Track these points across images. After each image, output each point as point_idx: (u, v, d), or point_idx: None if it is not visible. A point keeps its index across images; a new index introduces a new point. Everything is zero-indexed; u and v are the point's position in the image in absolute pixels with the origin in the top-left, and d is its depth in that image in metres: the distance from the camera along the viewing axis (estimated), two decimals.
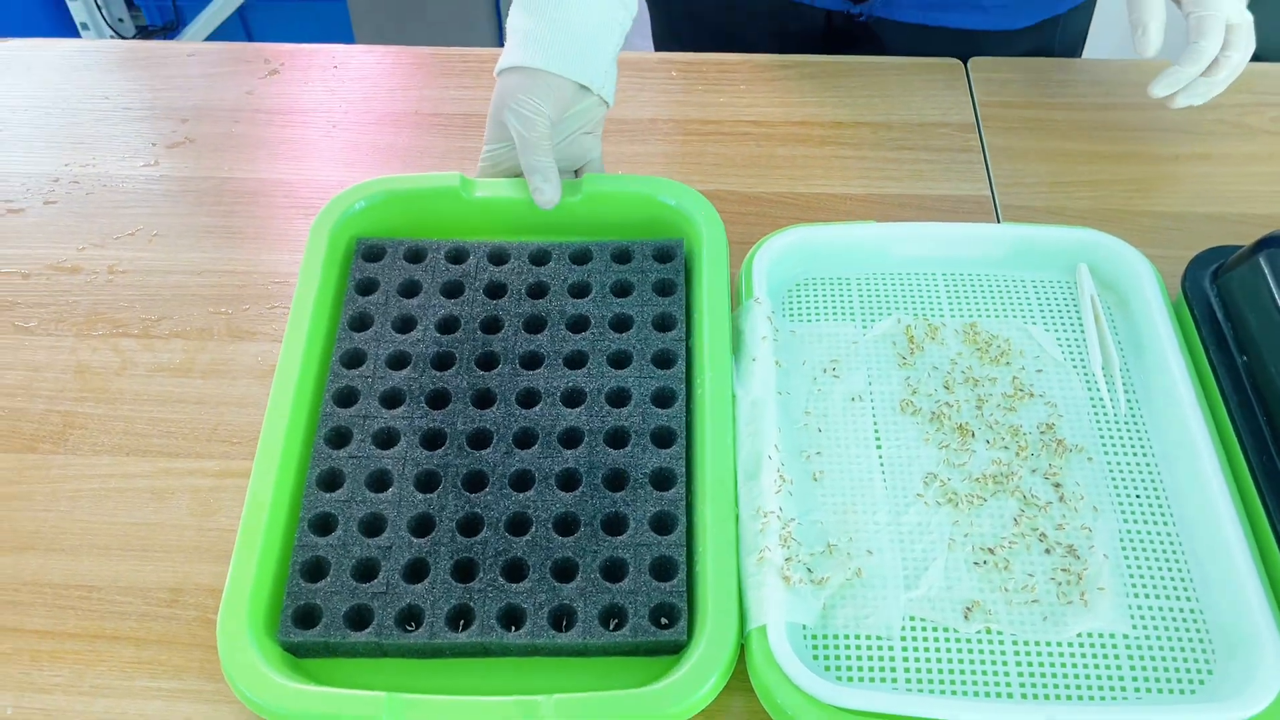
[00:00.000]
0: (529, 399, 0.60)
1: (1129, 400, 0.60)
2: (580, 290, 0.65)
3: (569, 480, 0.57)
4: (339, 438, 0.59)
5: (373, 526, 0.55)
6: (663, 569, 0.54)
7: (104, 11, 1.72)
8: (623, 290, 0.65)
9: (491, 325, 0.64)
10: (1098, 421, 0.60)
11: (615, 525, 0.55)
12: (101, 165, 0.79)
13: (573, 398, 0.60)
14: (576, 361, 0.62)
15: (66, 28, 1.82)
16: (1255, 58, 0.70)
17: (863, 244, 0.67)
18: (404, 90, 0.85)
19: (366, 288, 0.66)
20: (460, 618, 0.52)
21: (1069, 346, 0.63)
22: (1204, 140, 0.78)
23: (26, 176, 0.78)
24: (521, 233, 0.69)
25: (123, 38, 1.77)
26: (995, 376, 0.62)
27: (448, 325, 0.64)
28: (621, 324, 0.63)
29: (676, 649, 0.52)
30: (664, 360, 0.62)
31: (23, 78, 0.86)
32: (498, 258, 0.67)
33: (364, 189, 0.69)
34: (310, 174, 0.79)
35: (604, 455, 0.57)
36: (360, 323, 0.64)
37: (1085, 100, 0.82)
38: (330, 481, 0.57)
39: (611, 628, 0.52)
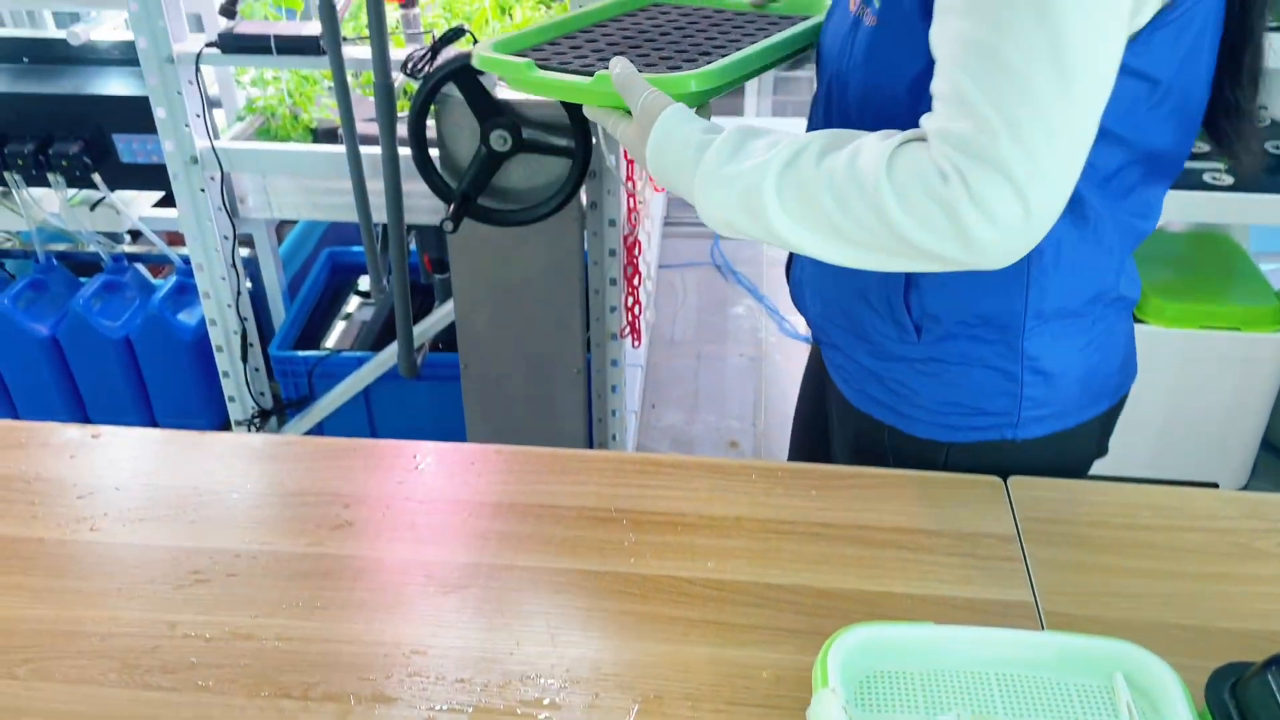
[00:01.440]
0: None
1: None
2: None
3: None
4: None
5: None
6: None
7: (250, 386, 2.00)
8: None
9: None
10: None
11: None
12: (276, 543, 0.95)
13: None
14: None
15: (216, 396, 2.10)
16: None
17: (923, 643, 0.78)
18: (529, 486, 1.01)
19: None
20: None
21: None
22: (1221, 561, 0.90)
23: (214, 552, 0.94)
24: None
25: (263, 410, 2.02)
26: None
27: None
28: None
29: None
30: None
31: (215, 464, 1.05)
32: None
33: None
34: (448, 556, 0.93)
35: None
36: None
37: (1113, 519, 0.95)
38: None
39: None
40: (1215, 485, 2.06)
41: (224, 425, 2.24)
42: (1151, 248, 2.07)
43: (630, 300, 1.88)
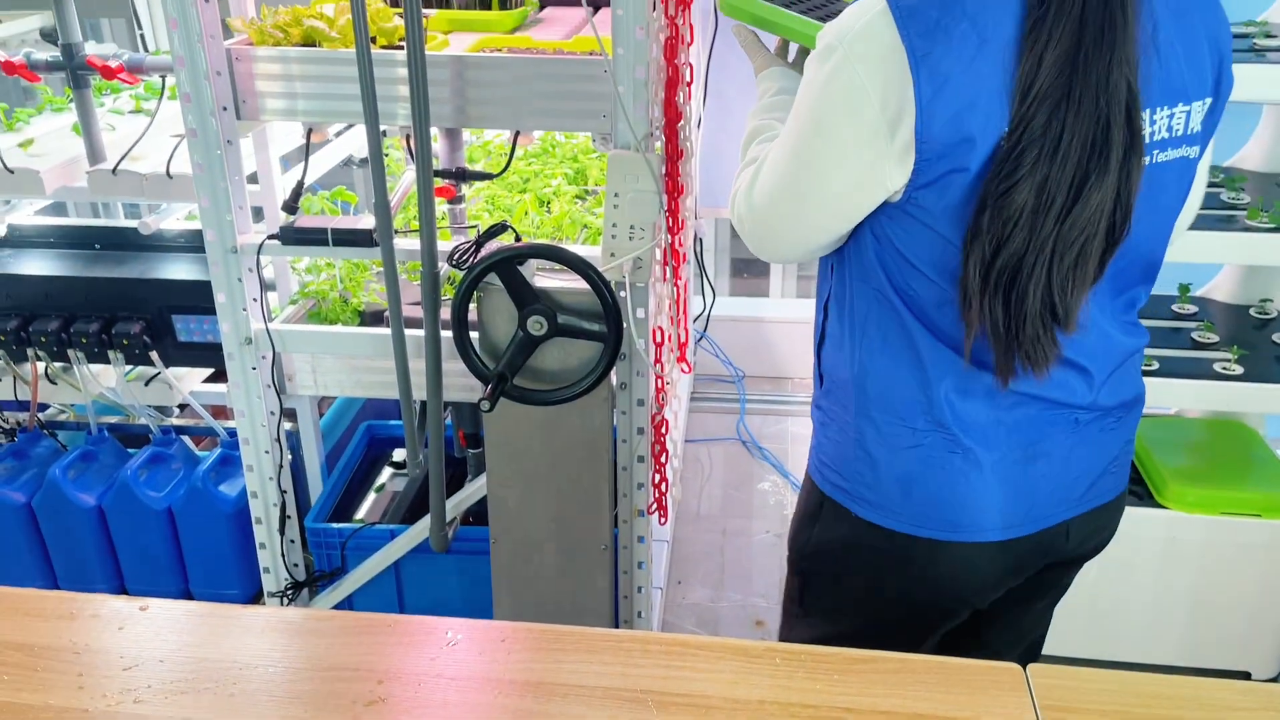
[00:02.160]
0: None
1: None
2: None
3: None
4: None
5: None
6: None
7: (285, 558, 2.04)
8: None
9: None
10: None
11: None
12: (312, 719, 0.97)
13: None
14: None
15: (251, 566, 2.14)
16: None
17: None
18: (557, 664, 1.04)
19: None
20: None
21: None
22: None
23: None
24: None
25: (296, 581, 2.06)
26: None
27: None
28: None
29: None
30: None
31: (255, 637, 1.09)
32: None
33: None
34: None
35: None
36: None
37: (1132, 710, 0.96)
38: None
39: None
40: (1248, 675, 2.02)
41: (256, 595, 2.27)
42: (1169, 433, 2.10)
43: (657, 477, 1.93)
